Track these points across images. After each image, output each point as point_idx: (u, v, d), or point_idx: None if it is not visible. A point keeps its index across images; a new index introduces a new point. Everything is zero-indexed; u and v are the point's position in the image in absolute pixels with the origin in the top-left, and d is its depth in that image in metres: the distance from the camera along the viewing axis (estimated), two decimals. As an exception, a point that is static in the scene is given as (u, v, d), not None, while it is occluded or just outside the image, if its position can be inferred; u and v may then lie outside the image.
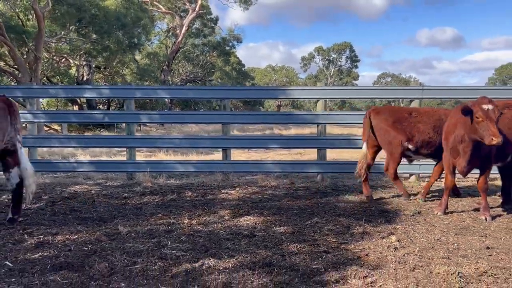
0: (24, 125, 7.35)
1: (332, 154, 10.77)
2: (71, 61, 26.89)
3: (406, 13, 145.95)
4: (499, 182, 7.22)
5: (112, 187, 7.76)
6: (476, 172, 5.70)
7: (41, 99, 25.98)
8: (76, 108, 29.86)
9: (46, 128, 22.69)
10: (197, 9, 37.04)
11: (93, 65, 29.21)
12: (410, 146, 6.38)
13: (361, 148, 6.78)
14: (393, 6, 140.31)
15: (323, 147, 8.27)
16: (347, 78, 73.62)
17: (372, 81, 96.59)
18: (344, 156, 11.89)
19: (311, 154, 12.71)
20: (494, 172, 6.67)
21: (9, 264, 3.81)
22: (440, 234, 4.81)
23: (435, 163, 6.70)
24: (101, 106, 35.98)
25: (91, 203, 6.35)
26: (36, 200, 6.42)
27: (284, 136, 12.65)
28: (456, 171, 5.71)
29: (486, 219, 5.39)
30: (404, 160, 6.78)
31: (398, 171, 8.15)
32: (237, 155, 13.01)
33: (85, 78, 29.48)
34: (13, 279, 3.48)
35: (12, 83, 25.77)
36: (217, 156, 12.77)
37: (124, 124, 8.66)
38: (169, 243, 4.43)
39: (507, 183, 6.21)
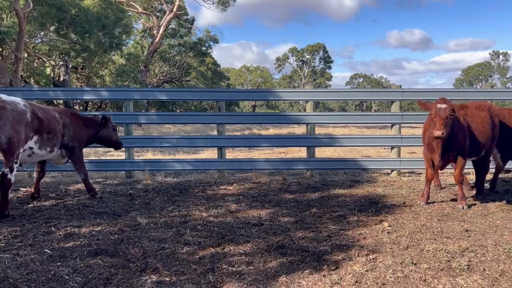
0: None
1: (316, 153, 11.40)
2: (46, 61, 26.58)
3: (376, 15, 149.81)
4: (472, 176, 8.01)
5: (113, 185, 8.10)
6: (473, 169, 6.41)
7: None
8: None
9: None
10: (174, 9, 37.14)
11: (70, 66, 28.90)
12: None
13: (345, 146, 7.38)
14: (363, 8, 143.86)
15: (312, 145, 8.88)
16: (321, 79, 75.05)
17: (344, 81, 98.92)
18: (327, 154, 12.58)
19: (293, 153, 13.33)
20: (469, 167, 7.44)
21: (49, 251, 4.19)
22: (425, 221, 5.47)
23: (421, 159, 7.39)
24: (76, 107, 35.52)
25: (100, 199, 6.70)
26: (44, 198, 6.72)
27: (277, 135, 13.21)
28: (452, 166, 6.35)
29: (463, 207, 6.09)
30: (387, 158, 7.43)
31: (379, 167, 8.91)
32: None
33: (61, 79, 29.12)
34: (59, 263, 3.87)
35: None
36: (206, 155, 13.20)
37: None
38: (188, 231, 4.90)
39: (480, 176, 6.97)
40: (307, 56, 76.96)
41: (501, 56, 79.04)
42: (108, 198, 6.80)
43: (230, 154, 14.33)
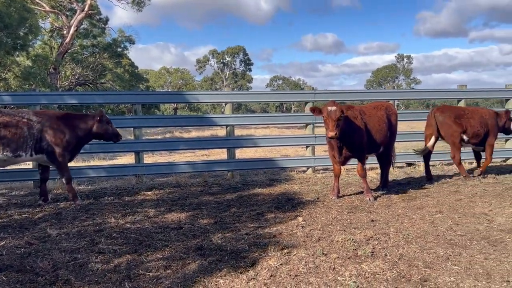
0: None
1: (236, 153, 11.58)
2: None
3: (292, 19, 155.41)
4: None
5: (20, 196, 7.53)
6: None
7: None
8: None
9: None
10: (86, 9, 35.24)
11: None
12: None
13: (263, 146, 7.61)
14: (279, 12, 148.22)
15: (232, 147, 9.01)
16: (242, 81, 76.02)
17: (264, 83, 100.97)
18: (248, 155, 12.83)
19: (216, 155, 13.41)
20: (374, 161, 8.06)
21: None
22: (336, 213, 5.84)
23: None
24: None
25: (4, 212, 6.19)
26: None
27: (197, 138, 13.14)
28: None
29: (369, 199, 6.60)
30: (303, 156, 7.80)
31: (296, 165, 9.31)
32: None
33: (-44, 82, 26.22)
34: (-46, 285, 3.53)
35: None
36: (124, 160, 12.76)
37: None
38: (103, 240, 4.73)
39: (384, 170, 7.60)
40: (227, 58, 77.47)
41: (405, 59, 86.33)
42: (13, 211, 6.30)
43: (150, 159, 13.99)
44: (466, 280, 3.53)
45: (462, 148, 8.25)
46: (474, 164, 9.54)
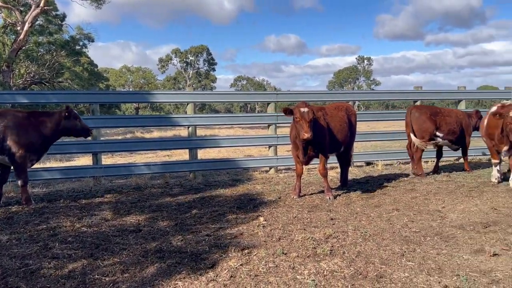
0: None
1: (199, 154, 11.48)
2: None
3: (255, 19, 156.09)
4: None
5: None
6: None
7: None
8: None
9: None
10: (41, 4, 33.82)
11: None
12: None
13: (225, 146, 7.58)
14: (242, 12, 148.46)
15: (194, 147, 8.92)
16: (206, 81, 75.50)
17: (228, 83, 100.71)
18: (212, 155, 12.74)
19: (178, 156, 13.23)
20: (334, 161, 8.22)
21: None
22: (297, 213, 5.90)
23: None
24: None
25: (-51, 218, 5.83)
26: None
27: (156, 138, 12.90)
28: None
29: (329, 198, 6.71)
30: (266, 156, 7.83)
31: (259, 165, 9.34)
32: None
33: None
34: None
35: None
36: (82, 161, 12.35)
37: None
38: (57, 244, 4.55)
39: (344, 170, 7.76)
40: (191, 58, 76.69)
41: (365, 61, 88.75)
42: (-41, 216, 5.95)
43: (109, 160, 13.62)
44: (419, 275, 3.65)
45: (429, 147, 8.69)
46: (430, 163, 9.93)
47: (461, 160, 9.63)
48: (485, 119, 7.70)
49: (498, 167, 7.63)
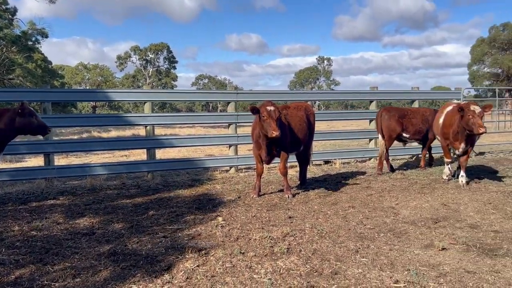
0: None
1: (158, 154, 11.27)
2: None
3: (216, 17, 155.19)
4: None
5: None
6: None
7: None
8: None
9: None
10: (-10, -3, 32.15)
11: None
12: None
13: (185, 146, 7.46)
14: (204, 10, 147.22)
15: (151, 147, 8.74)
16: (166, 79, 74.27)
17: (190, 82, 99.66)
18: (172, 155, 12.54)
19: (137, 156, 12.94)
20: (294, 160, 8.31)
21: None
22: (256, 212, 5.92)
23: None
24: None
25: None
26: None
27: (113, 138, 12.52)
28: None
29: (288, 197, 6.78)
30: (226, 155, 7.79)
31: (219, 165, 9.28)
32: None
33: None
34: None
35: None
36: (34, 162, 11.81)
37: None
38: (3, 250, 4.33)
39: (303, 168, 7.87)
40: (150, 56, 75.23)
41: (325, 61, 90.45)
42: None
43: (64, 160, 13.11)
44: (372, 271, 3.75)
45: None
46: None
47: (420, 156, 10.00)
48: (439, 118, 7.94)
49: (449, 166, 7.98)
